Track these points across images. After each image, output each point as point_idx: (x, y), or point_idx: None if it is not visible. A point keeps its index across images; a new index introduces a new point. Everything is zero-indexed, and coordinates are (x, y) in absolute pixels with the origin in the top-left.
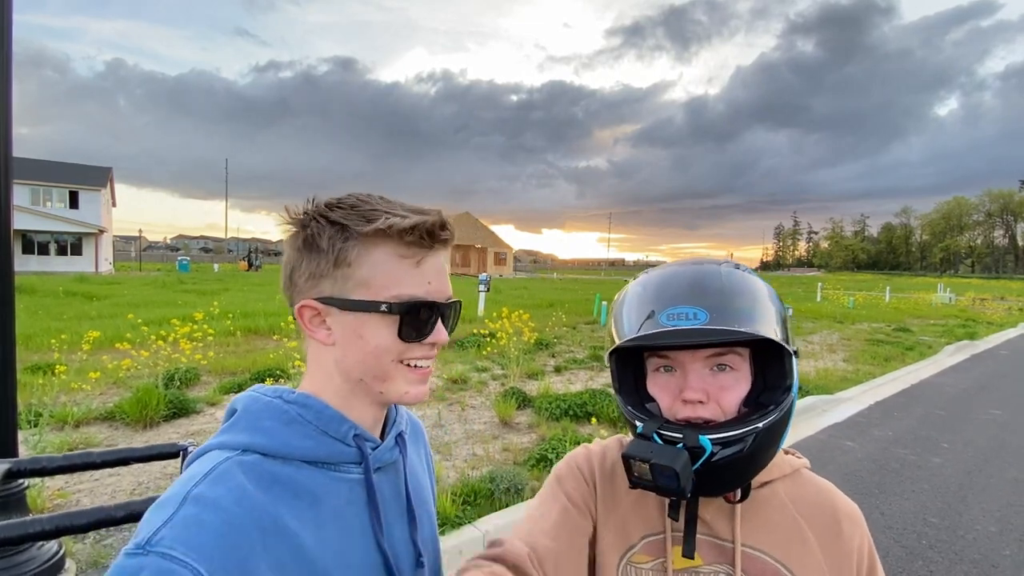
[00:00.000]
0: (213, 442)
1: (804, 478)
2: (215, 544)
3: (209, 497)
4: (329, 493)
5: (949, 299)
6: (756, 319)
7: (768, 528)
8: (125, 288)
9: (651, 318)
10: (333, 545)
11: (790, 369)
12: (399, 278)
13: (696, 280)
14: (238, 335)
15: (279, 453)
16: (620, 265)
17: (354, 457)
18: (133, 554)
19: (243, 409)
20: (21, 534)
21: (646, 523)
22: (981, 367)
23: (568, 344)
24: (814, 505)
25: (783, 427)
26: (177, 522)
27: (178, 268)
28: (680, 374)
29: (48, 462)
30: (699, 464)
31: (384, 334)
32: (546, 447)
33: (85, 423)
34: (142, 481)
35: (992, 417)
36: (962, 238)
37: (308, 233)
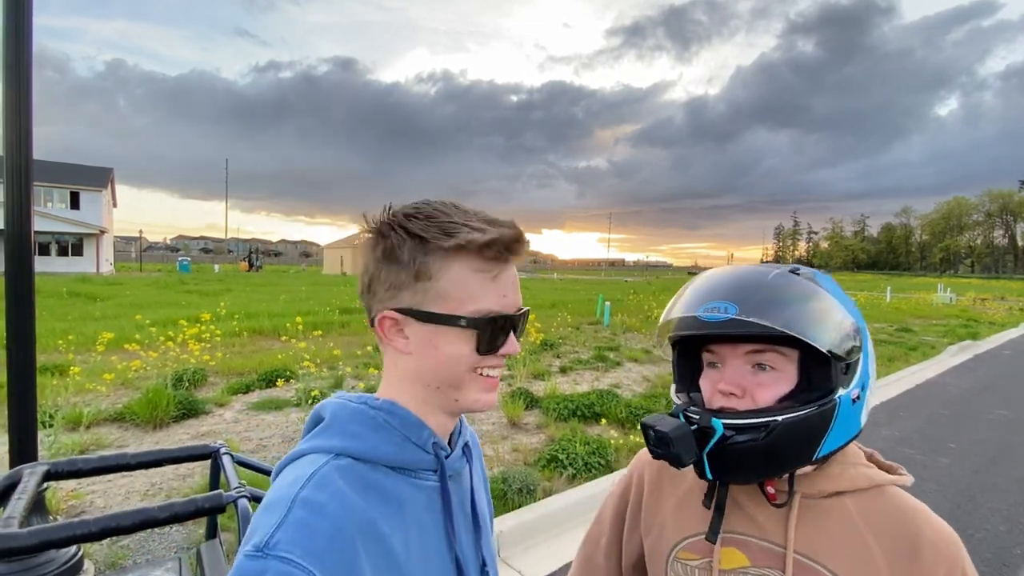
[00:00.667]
0: (306, 446)
1: (888, 496)
2: (326, 548)
3: (316, 501)
4: (411, 499)
5: (950, 299)
6: (789, 318)
7: (828, 540)
8: (127, 289)
9: (692, 313)
10: (415, 550)
11: (836, 375)
12: (477, 292)
13: (737, 278)
14: (244, 336)
15: (368, 458)
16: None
17: (432, 464)
18: (253, 556)
19: (332, 415)
20: (68, 536)
21: (695, 522)
22: (985, 367)
23: (572, 344)
24: (892, 526)
25: (819, 428)
26: (289, 525)
27: (179, 269)
28: (722, 369)
29: (84, 464)
30: (711, 445)
31: (460, 346)
32: (556, 448)
33: (95, 424)
34: (155, 482)
35: (998, 417)
36: (962, 238)
37: (388, 244)
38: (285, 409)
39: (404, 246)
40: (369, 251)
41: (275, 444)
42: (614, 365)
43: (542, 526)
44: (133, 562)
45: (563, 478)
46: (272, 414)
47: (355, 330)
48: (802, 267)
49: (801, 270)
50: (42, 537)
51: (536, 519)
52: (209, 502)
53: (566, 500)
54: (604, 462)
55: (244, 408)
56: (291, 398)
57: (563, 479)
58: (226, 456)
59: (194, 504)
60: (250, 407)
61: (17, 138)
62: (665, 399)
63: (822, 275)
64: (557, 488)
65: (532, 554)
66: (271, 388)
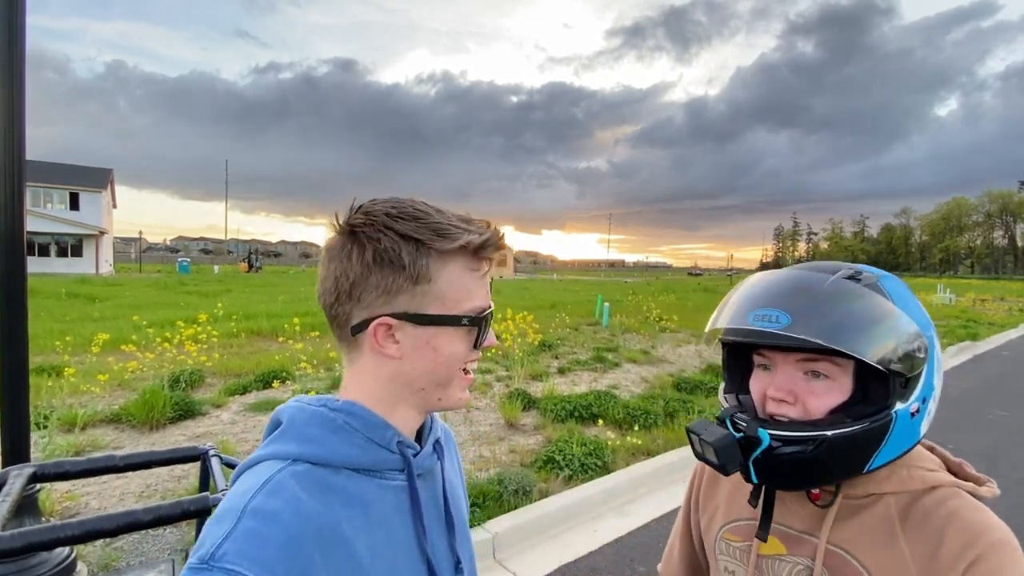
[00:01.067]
0: (262, 453)
1: (939, 495)
2: (277, 557)
3: (267, 510)
4: (376, 500)
5: (949, 300)
6: (843, 331)
7: (860, 533)
8: (126, 290)
9: (741, 315)
10: (382, 552)
11: (893, 390)
12: (471, 291)
13: (793, 284)
14: (242, 337)
15: (328, 461)
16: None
17: (397, 464)
18: (197, 569)
19: (289, 419)
20: (52, 538)
21: (742, 509)
22: (984, 368)
23: (571, 345)
24: (924, 516)
25: (871, 443)
26: (238, 536)
27: (178, 270)
28: (773, 373)
29: (71, 466)
30: (757, 453)
31: (457, 344)
32: (553, 449)
33: (91, 426)
34: (150, 484)
35: (998, 418)
36: (961, 239)
37: (381, 247)
38: None
39: (401, 250)
40: (350, 254)
41: None
42: (612, 366)
43: (538, 527)
44: (127, 564)
45: (559, 479)
46: (268, 415)
47: None
48: (865, 269)
49: (864, 274)
50: (26, 540)
51: (532, 520)
52: (195, 504)
53: (562, 501)
54: (601, 463)
55: (241, 409)
56: (287, 399)
57: (559, 480)
58: (214, 458)
59: (180, 507)
60: (247, 408)
61: (9, 138)
62: (663, 400)
63: (888, 277)
64: (553, 489)
65: (528, 555)
66: (268, 389)
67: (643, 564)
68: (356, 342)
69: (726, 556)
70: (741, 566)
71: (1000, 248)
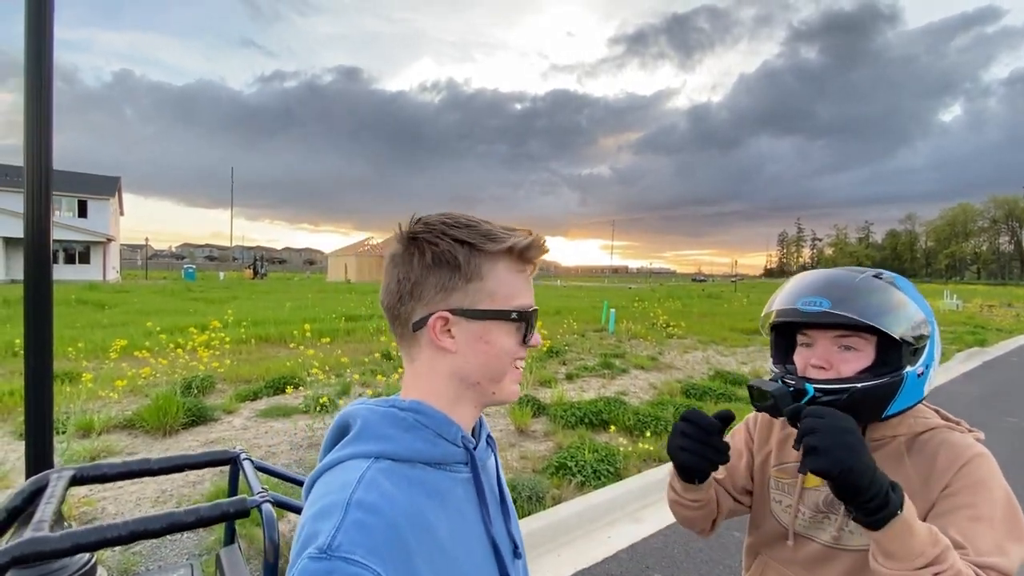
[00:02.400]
0: (343, 453)
1: (935, 433)
2: (383, 544)
3: (368, 502)
4: (449, 491)
5: (956, 306)
6: (870, 312)
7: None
8: (134, 296)
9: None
10: (459, 537)
11: (905, 356)
12: (518, 290)
13: (831, 279)
14: (251, 343)
15: (405, 457)
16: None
17: (463, 457)
18: (318, 558)
19: (364, 421)
20: (99, 539)
21: (788, 454)
22: (993, 374)
23: (578, 351)
24: (924, 447)
25: (887, 395)
26: (348, 527)
27: (184, 276)
28: (814, 348)
29: (109, 469)
30: (804, 401)
31: (507, 339)
32: (564, 455)
33: (104, 431)
34: (165, 489)
35: (1009, 424)
36: (967, 244)
37: (439, 250)
38: (293, 416)
39: (456, 252)
40: (411, 259)
41: (284, 451)
42: (620, 372)
43: (552, 534)
44: (146, 568)
45: (572, 486)
46: (280, 421)
47: (360, 338)
48: (884, 272)
49: (884, 275)
50: (74, 540)
51: (546, 527)
52: (234, 506)
53: (576, 508)
54: (613, 470)
55: (252, 415)
56: (299, 405)
57: (572, 487)
58: (247, 462)
59: (219, 508)
60: (258, 414)
61: (38, 152)
62: (673, 406)
63: (901, 278)
64: (566, 496)
65: (543, 562)
66: (279, 395)
67: (658, 570)
68: (416, 338)
69: (775, 489)
70: (788, 496)
71: (1006, 254)
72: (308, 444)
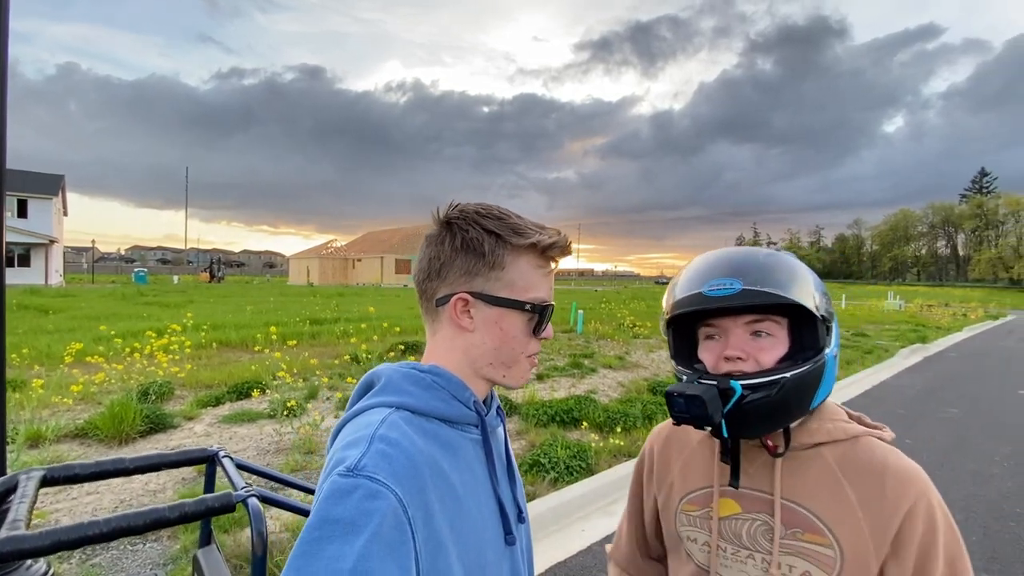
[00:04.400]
0: (368, 403)
1: (862, 444)
2: (403, 472)
3: (391, 437)
4: (462, 447)
5: (899, 306)
6: (787, 287)
7: (808, 485)
8: (81, 301)
9: (696, 291)
10: (470, 489)
11: (822, 334)
12: (536, 284)
13: (735, 257)
14: (213, 347)
15: (422, 411)
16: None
17: (474, 420)
18: (345, 475)
19: (387, 378)
20: (80, 536)
21: (695, 481)
22: (934, 369)
23: (547, 352)
24: (862, 467)
25: (814, 383)
26: (373, 454)
27: (135, 280)
28: (723, 339)
29: (81, 469)
30: (731, 404)
31: (519, 328)
32: (538, 453)
33: (55, 441)
34: (124, 499)
35: (949, 415)
36: (908, 248)
37: (469, 236)
38: (259, 421)
39: (484, 240)
40: (443, 241)
41: (250, 456)
42: (589, 372)
43: None
44: None
45: (546, 482)
46: (245, 427)
47: (327, 341)
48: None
49: (782, 251)
50: (54, 538)
51: None
52: (219, 501)
53: (550, 503)
54: (585, 465)
55: (215, 421)
56: (264, 410)
57: (546, 483)
58: (227, 459)
59: (204, 503)
60: (221, 420)
61: None
62: (641, 403)
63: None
64: (540, 492)
65: None
66: (242, 400)
67: None
68: (438, 314)
69: (687, 526)
70: (703, 532)
71: (943, 257)
72: (275, 449)
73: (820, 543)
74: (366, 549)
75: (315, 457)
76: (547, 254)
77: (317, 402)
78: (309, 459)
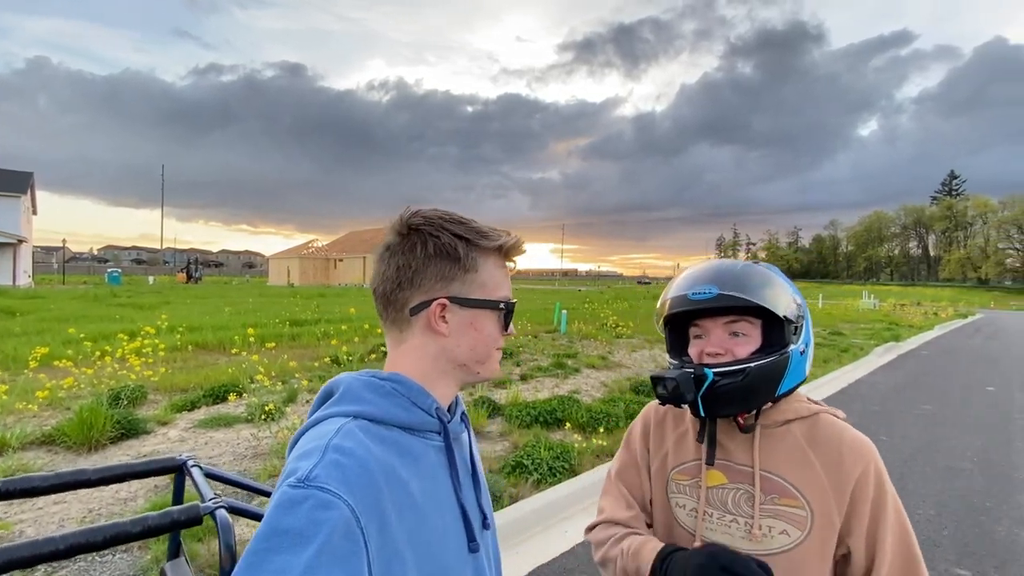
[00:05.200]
0: (325, 413)
1: (823, 421)
2: (356, 482)
3: (345, 447)
4: (423, 454)
5: (873, 305)
6: (755, 293)
7: (781, 457)
8: (51, 302)
9: (682, 294)
10: (430, 496)
11: (788, 333)
12: (502, 283)
13: (715, 268)
14: (188, 350)
15: (380, 419)
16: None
17: (436, 427)
18: (296, 486)
19: (346, 387)
20: (34, 555)
21: (686, 454)
22: (907, 366)
23: (531, 352)
24: (824, 440)
25: (778, 373)
26: (325, 464)
27: (108, 281)
28: (706, 337)
29: (40, 481)
30: (704, 388)
31: (492, 326)
32: (521, 454)
33: (21, 448)
34: (92, 508)
35: (923, 412)
36: (882, 249)
37: (442, 242)
38: (235, 426)
39: (457, 244)
40: (412, 248)
41: (227, 462)
42: (573, 372)
43: (511, 532)
44: None
45: (529, 484)
46: (221, 431)
47: (307, 343)
48: (760, 262)
49: (760, 263)
50: (6, 556)
51: (504, 525)
52: (185, 514)
53: (533, 505)
54: (568, 466)
55: (190, 426)
56: (241, 414)
57: (529, 485)
58: (195, 468)
59: (169, 516)
60: (197, 424)
61: None
62: (624, 403)
63: (774, 267)
64: (524, 494)
65: (502, 560)
66: (219, 404)
67: None
68: (410, 323)
69: (676, 493)
70: (691, 499)
71: (915, 257)
72: (253, 454)
73: (794, 505)
74: (315, 560)
75: None
76: (509, 255)
77: (296, 405)
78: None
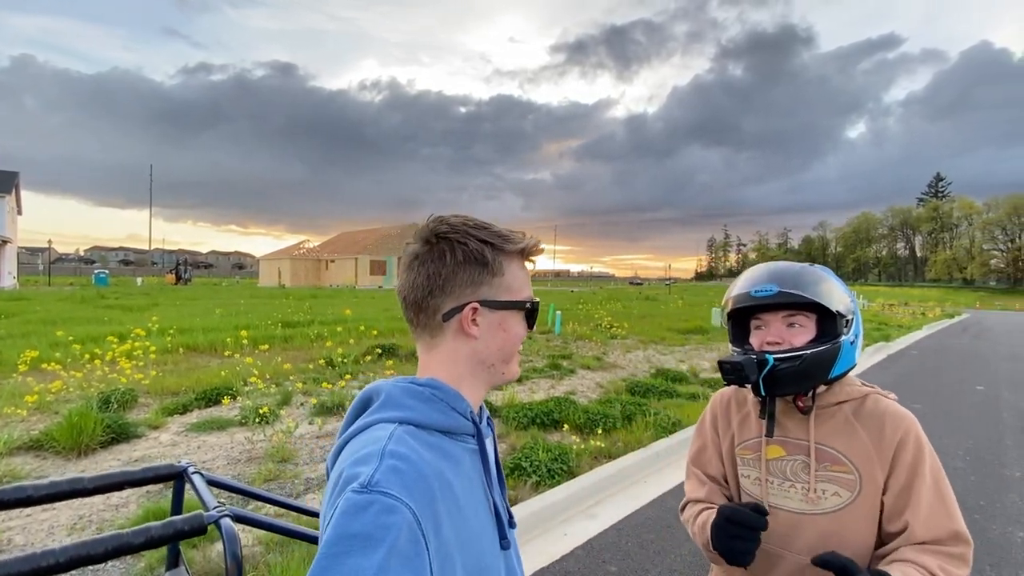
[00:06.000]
0: (371, 419)
1: (871, 400)
2: (415, 488)
3: (401, 452)
4: (461, 458)
5: (863, 305)
6: (812, 290)
7: (832, 431)
8: (36, 304)
9: (745, 291)
10: (470, 498)
11: (840, 326)
12: (525, 283)
13: (776, 268)
14: (180, 352)
15: (424, 424)
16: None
17: (471, 430)
18: (360, 491)
19: (387, 394)
20: (33, 568)
21: (748, 432)
22: (897, 365)
23: (526, 353)
24: (868, 413)
25: (831, 359)
26: (384, 470)
27: (95, 282)
28: (767, 329)
29: (34, 490)
30: (766, 371)
31: (518, 325)
32: (519, 456)
33: (8, 454)
34: (83, 515)
35: (913, 411)
36: (870, 250)
37: (470, 249)
38: (229, 429)
39: (484, 250)
40: (442, 256)
41: (220, 466)
42: (568, 373)
43: None
44: None
45: (527, 486)
46: (215, 435)
47: (300, 345)
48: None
49: (817, 264)
50: (4, 571)
51: None
52: (189, 523)
53: (531, 508)
54: (566, 468)
55: (182, 429)
56: (235, 417)
57: (527, 487)
58: (196, 475)
59: (172, 526)
60: (189, 428)
61: None
62: (620, 403)
63: (828, 269)
64: (522, 496)
65: None
66: (212, 407)
67: (613, 563)
68: (442, 328)
69: (743, 466)
70: (755, 470)
71: (902, 258)
72: (247, 458)
73: (844, 471)
74: (385, 562)
75: (289, 466)
76: (530, 256)
77: (291, 408)
78: (283, 468)
